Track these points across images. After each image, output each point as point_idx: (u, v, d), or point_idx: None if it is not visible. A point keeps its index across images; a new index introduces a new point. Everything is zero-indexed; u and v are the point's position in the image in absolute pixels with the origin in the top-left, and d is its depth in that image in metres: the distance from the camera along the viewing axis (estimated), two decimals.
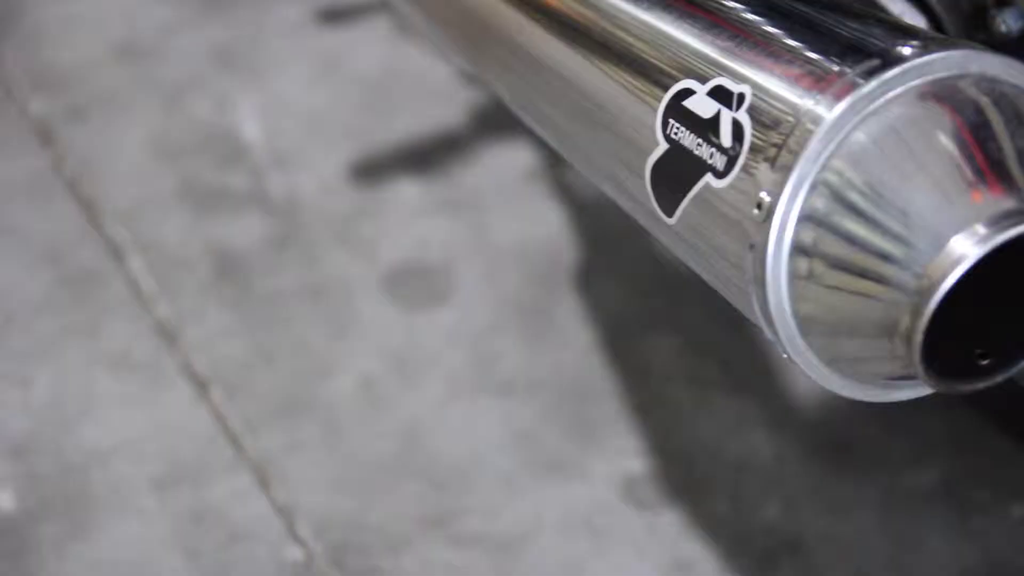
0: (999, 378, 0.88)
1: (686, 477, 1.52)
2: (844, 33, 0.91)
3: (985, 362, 0.88)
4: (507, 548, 1.47)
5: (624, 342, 1.64)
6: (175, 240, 1.77)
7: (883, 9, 1.20)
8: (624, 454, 1.54)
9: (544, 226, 1.75)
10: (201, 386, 1.62)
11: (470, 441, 1.56)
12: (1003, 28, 1.17)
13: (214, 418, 1.59)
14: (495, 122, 1.84)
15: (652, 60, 0.98)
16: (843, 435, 1.54)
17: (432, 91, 1.91)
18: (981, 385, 0.87)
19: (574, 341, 1.64)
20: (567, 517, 1.50)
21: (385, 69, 1.94)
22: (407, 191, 1.81)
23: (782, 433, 1.54)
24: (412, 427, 1.58)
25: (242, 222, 1.78)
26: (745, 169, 0.88)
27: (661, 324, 1.64)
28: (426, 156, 1.84)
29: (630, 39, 1.01)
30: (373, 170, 1.83)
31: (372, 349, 1.65)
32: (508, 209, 1.77)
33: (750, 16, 0.96)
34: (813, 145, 0.85)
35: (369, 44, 1.95)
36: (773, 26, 0.94)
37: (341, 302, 1.70)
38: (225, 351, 1.65)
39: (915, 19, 1.22)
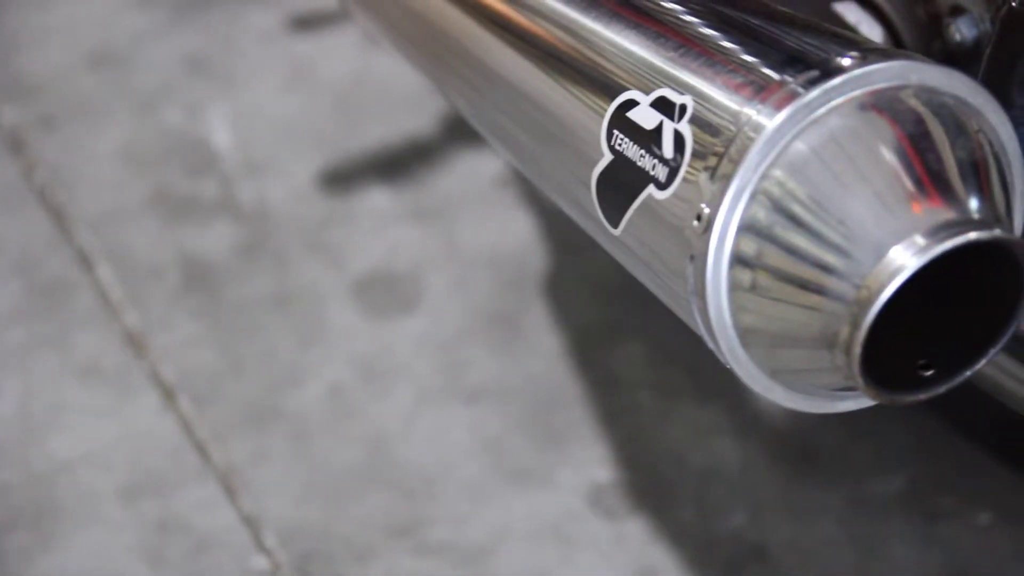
0: (942, 389, 0.88)
1: (653, 485, 1.52)
2: (787, 43, 0.91)
3: (928, 373, 0.88)
4: (474, 557, 1.47)
5: (592, 350, 1.64)
6: (145, 248, 1.77)
7: (840, 19, 1.21)
8: (591, 462, 1.54)
9: (513, 234, 1.75)
10: (169, 395, 1.62)
11: (438, 449, 1.56)
12: (957, 37, 1.18)
13: (181, 427, 1.59)
14: (465, 130, 1.84)
15: (598, 71, 0.98)
16: (809, 442, 1.54)
17: (403, 99, 1.91)
18: (923, 396, 0.87)
19: (542, 349, 1.64)
20: (534, 525, 1.50)
21: (356, 77, 1.94)
22: (377, 199, 1.81)
23: (749, 441, 1.55)
24: (380, 435, 1.58)
25: (212, 230, 1.78)
26: (686, 180, 0.88)
27: (629, 332, 1.65)
28: (396, 164, 1.84)
29: (578, 49, 1.01)
30: (343, 178, 1.83)
31: (341, 357, 1.65)
32: (477, 217, 1.77)
33: (696, 26, 0.96)
34: (752, 155, 0.85)
35: (340, 52, 1.95)
36: (719, 36, 0.94)
37: (310, 310, 1.70)
38: (193, 360, 1.65)
39: (872, 29, 1.22)
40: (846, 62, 0.86)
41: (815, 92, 0.86)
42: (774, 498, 1.50)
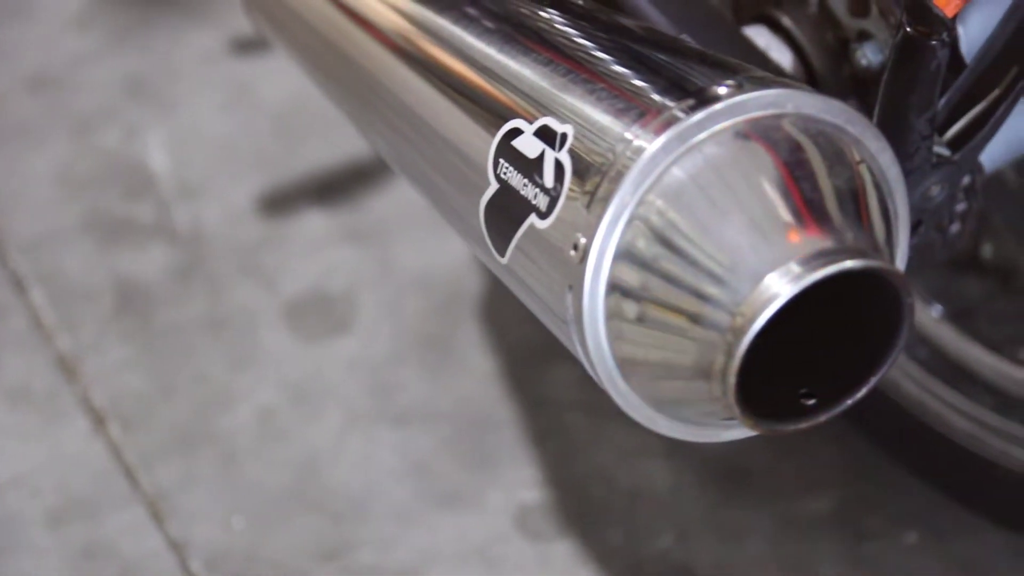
0: (824, 419, 0.88)
1: (581, 506, 1.52)
2: (671, 71, 0.91)
3: (811, 402, 0.88)
4: None
5: (524, 371, 1.64)
6: (78, 272, 1.76)
7: (750, 43, 1.21)
8: (520, 484, 1.54)
9: (447, 256, 1.75)
10: (98, 419, 1.61)
11: (367, 472, 1.56)
12: (864, 62, 1.19)
13: (111, 451, 1.58)
14: None
15: (488, 98, 0.98)
16: (739, 463, 1.54)
17: (341, 121, 1.89)
18: (804, 426, 0.87)
19: (474, 370, 1.64)
20: (461, 548, 1.50)
21: (296, 99, 1.94)
22: (313, 221, 1.81)
23: (678, 462, 1.54)
24: (309, 459, 1.57)
25: (146, 253, 1.78)
26: (565, 209, 0.88)
27: (561, 353, 1.63)
28: (333, 185, 1.84)
29: (470, 76, 1.01)
30: (280, 200, 1.83)
31: (272, 380, 1.65)
32: (412, 238, 1.77)
33: (586, 52, 0.97)
34: (629, 180, 0.85)
35: (281, 74, 1.95)
36: (606, 62, 0.95)
37: (243, 333, 1.69)
38: (124, 384, 1.65)
39: (782, 53, 1.23)
40: (723, 90, 0.86)
41: (692, 119, 0.86)
42: (702, 519, 1.50)
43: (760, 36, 1.23)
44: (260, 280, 1.75)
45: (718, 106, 0.85)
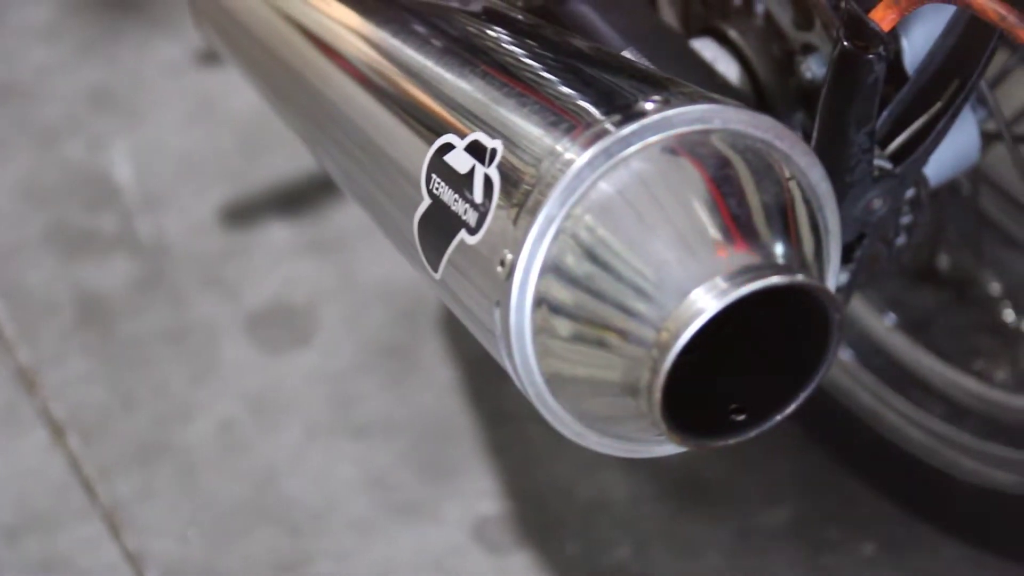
0: (752, 434, 0.88)
1: (539, 518, 1.52)
2: (601, 85, 0.91)
3: (740, 418, 0.88)
4: None
5: (484, 383, 1.64)
6: (39, 284, 1.76)
7: (697, 55, 1.21)
8: (478, 495, 1.54)
9: (409, 268, 1.73)
10: (58, 432, 1.61)
11: (326, 485, 1.56)
12: (808, 75, 1.19)
13: (69, 464, 1.58)
14: None
15: (423, 113, 0.98)
16: (697, 475, 1.54)
17: None
18: (733, 441, 0.87)
19: (434, 382, 1.64)
20: (418, 560, 1.49)
21: (261, 110, 1.93)
22: (276, 232, 1.81)
23: (637, 473, 1.54)
24: (267, 471, 1.57)
25: (109, 265, 1.77)
26: (493, 225, 0.88)
27: None
28: (296, 197, 1.84)
29: (408, 90, 1.01)
30: (243, 211, 1.83)
31: (232, 392, 1.64)
32: (374, 250, 1.77)
33: (522, 67, 0.96)
34: (556, 193, 0.85)
35: (245, 86, 1.94)
36: (541, 78, 0.95)
37: (204, 345, 1.69)
38: (84, 396, 1.64)
39: (728, 66, 1.23)
40: (650, 105, 0.86)
41: (619, 134, 0.86)
42: (660, 531, 1.50)
43: (707, 49, 1.23)
44: (222, 292, 1.74)
45: (644, 121, 0.85)
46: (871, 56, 1.00)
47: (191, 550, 1.51)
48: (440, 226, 0.93)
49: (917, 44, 1.12)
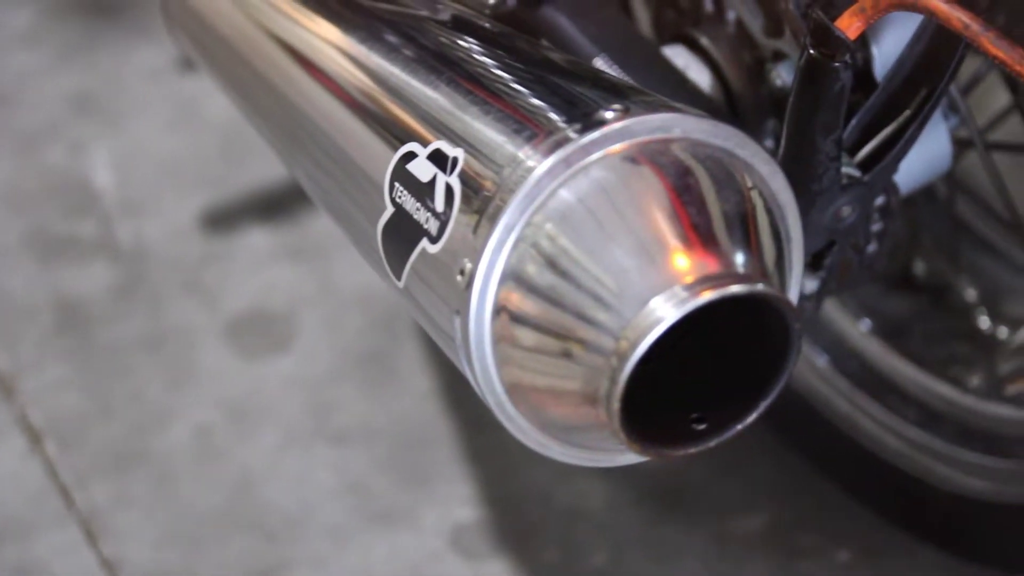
0: (712, 443, 0.87)
1: (517, 525, 1.52)
2: (564, 94, 0.91)
3: (701, 427, 0.88)
4: None
5: (462, 389, 1.63)
6: (18, 290, 1.76)
7: (667, 63, 1.21)
8: (456, 502, 1.54)
9: None
10: (35, 439, 1.61)
11: (302, 491, 1.55)
12: (778, 82, 1.19)
13: (46, 471, 1.58)
14: None
15: (388, 121, 0.98)
16: (674, 481, 1.54)
17: None
18: (694, 451, 0.87)
19: (413, 388, 1.64)
20: (395, 567, 1.49)
21: (240, 117, 1.93)
22: (255, 238, 1.81)
23: (614, 480, 1.54)
24: (245, 478, 1.57)
25: (88, 271, 1.77)
26: (454, 234, 0.88)
27: None
28: (276, 203, 1.84)
29: (375, 99, 1.01)
30: (223, 217, 1.83)
31: (210, 398, 1.64)
32: (353, 257, 1.75)
33: (487, 75, 0.96)
34: (512, 206, 0.85)
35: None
36: (505, 86, 0.95)
37: (182, 351, 1.69)
38: (62, 403, 1.64)
39: (700, 73, 1.23)
40: (609, 114, 0.86)
41: (579, 142, 0.86)
42: (638, 537, 1.50)
43: (679, 56, 1.23)
44: (201, 297, 1.74)
45: (604, 129, 0.85)
46: (837, 64, 1.00)
47: (167, 556, 1.50)
48: (403, 235, 0.93)
49: (887, 52, 1.12)
